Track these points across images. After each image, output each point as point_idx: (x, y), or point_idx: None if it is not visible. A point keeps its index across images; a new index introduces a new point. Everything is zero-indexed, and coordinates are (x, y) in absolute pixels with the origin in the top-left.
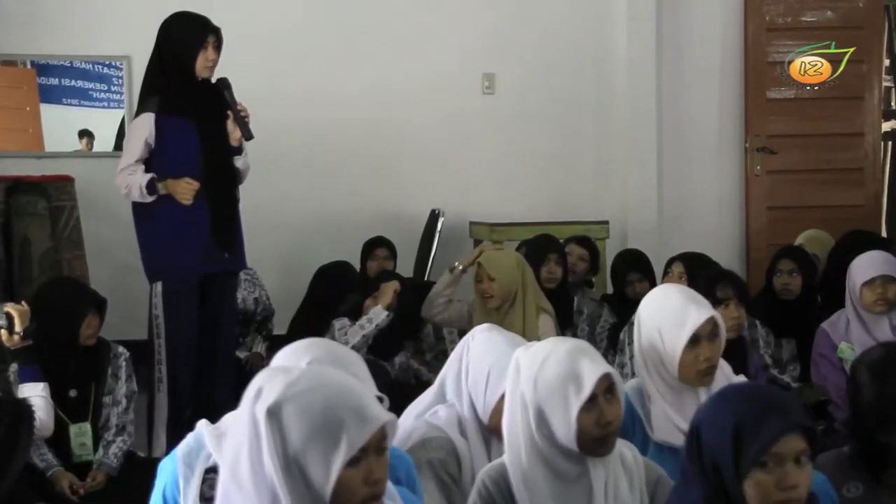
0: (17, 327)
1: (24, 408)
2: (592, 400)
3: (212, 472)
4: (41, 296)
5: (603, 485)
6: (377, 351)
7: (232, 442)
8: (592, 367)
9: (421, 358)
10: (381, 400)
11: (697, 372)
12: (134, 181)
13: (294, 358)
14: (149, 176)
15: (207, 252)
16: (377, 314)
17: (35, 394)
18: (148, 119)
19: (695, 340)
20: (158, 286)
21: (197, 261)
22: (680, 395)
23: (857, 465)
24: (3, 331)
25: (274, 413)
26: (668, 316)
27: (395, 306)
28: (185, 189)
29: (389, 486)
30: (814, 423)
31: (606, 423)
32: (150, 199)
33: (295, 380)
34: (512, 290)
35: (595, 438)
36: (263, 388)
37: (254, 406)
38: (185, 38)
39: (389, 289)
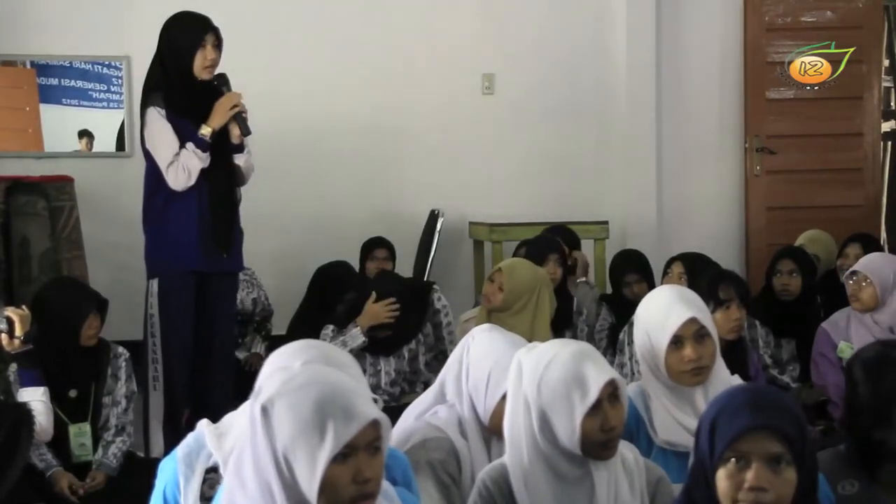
0: (18, 331)
1: (25, 412)
2: (597, 405)
3: (212, 471)
4: (43, 296)
5: (605, 487)
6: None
7: (237, 441)
8: (597, 372)
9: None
10: (374, 402)
11: (684, 373)
12: (185, 158)
13: (289, 360)
14: (190, 142)
15: (205, 251)
16: (354, 338)
17: (35, 398)
18: (159, 112)
19: (678, 342)
20: (154, 283)
21: (193, 260)
22: (677, 395)
23: (853, 463)
24: (3, 335)
25: (266, 410)
26: (653, 318)
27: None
28: (227, 102)
29: (388, 486)
30: (798, 427)
31: (610, 428)
32: (206, 157)
33: (290, 378)
34: (512, 305)
35: (599, 443)
36: (262, 387)
37: (253, 405)
38: (183, 37)
39: (368, 315)
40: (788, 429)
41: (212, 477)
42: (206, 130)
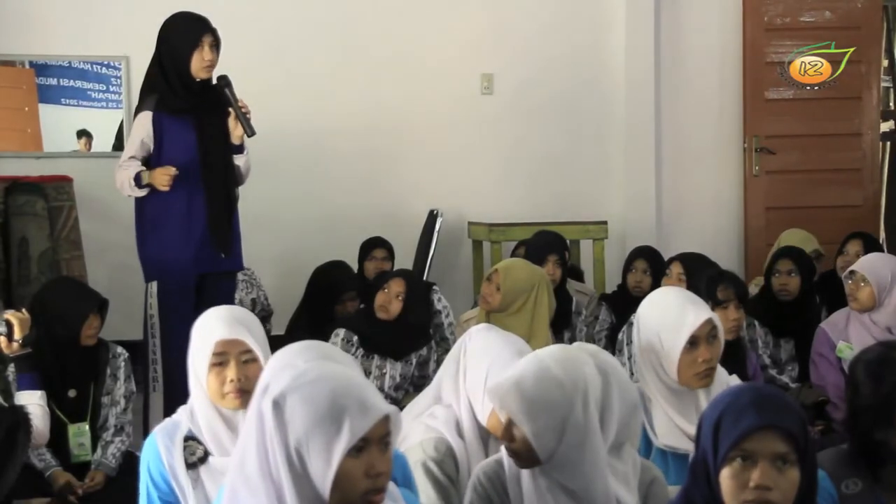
0: (17, 335)
1: (22, 415)
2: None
3: (189, 439)
4: (43, 296)
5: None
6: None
7: (240, 438)
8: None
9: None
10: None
11: (696, 374)
12: (125, 176)
13: (290, 360)
14: (136, 170)
15: (203, 252)
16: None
17: (32, 402)
18: (146, 117)
19: (693, 342)
20: (154, 286)
21: (192, 261)
22: (680, 398)
23: (856, 462)
24: (2, 338)
25: (279, 404)
26: (667, 319)
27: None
28: (160, 177)
29: (392, 486)
30: (802, 427)
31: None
32: (140, 192)
33: (301, 373)
34: (509, 305)
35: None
36: (270, 383)
37: (261, 400)
38: (180, 37)
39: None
40: (793, 428)
41: (190, 444)
42: (145, 178)
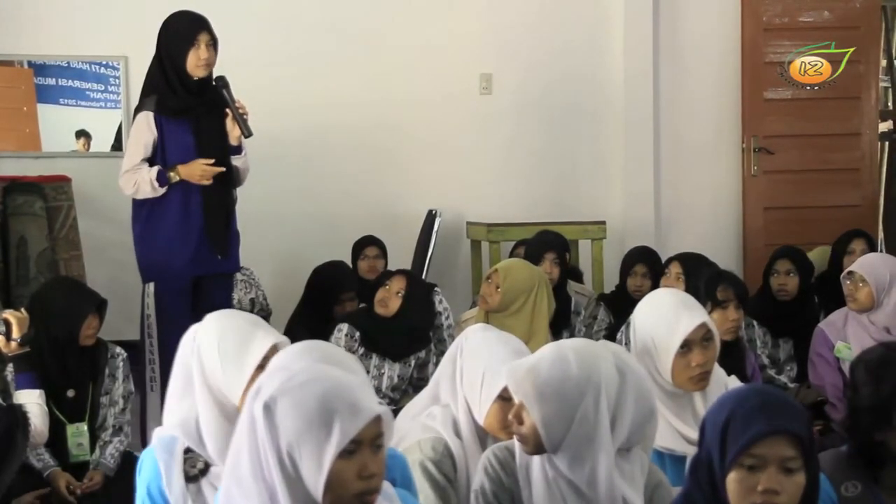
0: (15, 334)
1: (20, 414)
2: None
3: (189, 451)
4: (42, 296)
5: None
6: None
7: (234, 441)
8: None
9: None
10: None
11: (690, 378)
12: (142, 177)
13: (293, 361)
14: (157, 168)
15: (200, 254)
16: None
17: (31, 401)
18: (147, 118)
19: (686, 347)
20: (151, 286)
21: (189, 262)
22: (676, 401)
23: (856, 465)
24: (0, 337)
25: (269, 407)
26: (660, 322)
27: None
28: (202, 171)
29: (388, 486)
30: (808, 430)
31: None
32: (161, 191)
33: (291, 376)
34: (509, 305)
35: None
36: (262, 386)
37: (252, 404)
38: (177, 35)
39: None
40: (800, 433)
41: (191, 456)
42: (173, 175)
